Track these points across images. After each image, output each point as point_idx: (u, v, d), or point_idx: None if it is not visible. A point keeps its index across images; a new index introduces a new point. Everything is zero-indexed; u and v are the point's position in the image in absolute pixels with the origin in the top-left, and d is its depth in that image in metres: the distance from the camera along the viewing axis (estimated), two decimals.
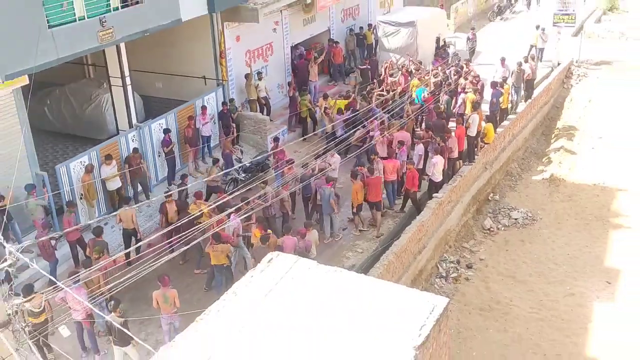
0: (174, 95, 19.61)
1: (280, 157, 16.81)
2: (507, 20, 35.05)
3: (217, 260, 13.01)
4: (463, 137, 18.19)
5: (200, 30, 18.80)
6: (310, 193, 15.73)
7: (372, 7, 27.84)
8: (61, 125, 19.42)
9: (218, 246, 12.85)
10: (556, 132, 24.18)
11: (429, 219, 15.78)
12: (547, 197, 20.54)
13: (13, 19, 12.54)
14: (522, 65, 22.10)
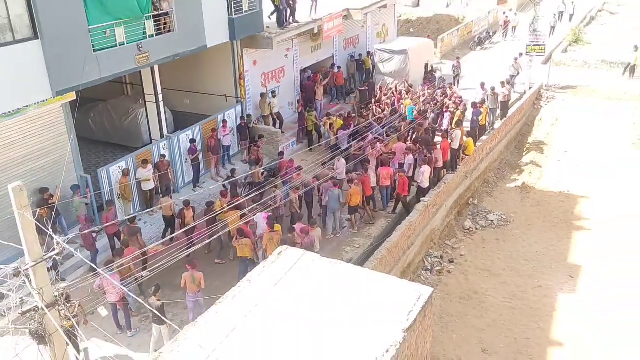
0: (199, 110, 19.62)
1: (290, 165, 16.80)
2: (487, 49, 35.01)
3: (241, 252, 12.99)
4: (447, 149, 18.19)
5: (223, 55, 18.85)
6: (310, 197, 15.70)
7: (370, 37, 27.88)
8: (103, 135, 19.43)
9: (242, 240, 12.84)
10: (527, 147, 24.16)
11: (417, 219, 15.77)
12: (519, 202, 20.50)
13: (64, 44, 12.60)
14: (495, 89, 22.03)
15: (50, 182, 13.20)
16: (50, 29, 12.23)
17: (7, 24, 11.65)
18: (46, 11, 12.07)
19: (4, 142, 12.36)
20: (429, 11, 43.95)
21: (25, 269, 6.63)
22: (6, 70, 11.68)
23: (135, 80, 19.14)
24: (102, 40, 13.58)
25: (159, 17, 15.17)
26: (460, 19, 41.55)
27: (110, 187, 14.79)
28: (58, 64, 12.56)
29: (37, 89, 12.43)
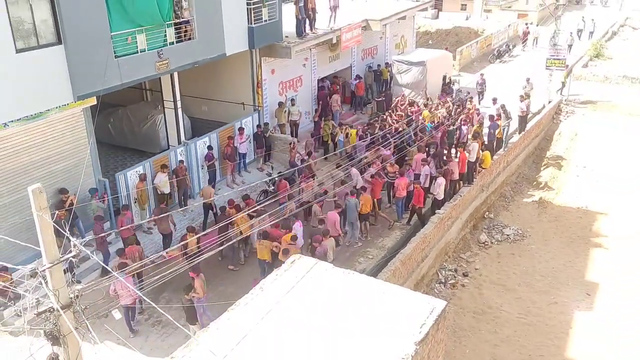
0: (216, 117, 19.77)
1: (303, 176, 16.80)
2: (506, 62, 34.90)
3: (260, 254, 13.07)
4: (464, 162, 18.12)
5: (241, 63, 19.01)
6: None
7: (388, 48, 27.93)
8: (121, 140, 19.65)
9: (263, 242, 12.91)
10: (545, 161, 23.96)
11: (432, 231, 15.70)
12: (536, 217, 20.30)
13: (87, 49, 12.81)
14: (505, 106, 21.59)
15: (68, 185, 13.37)
16: (73, 34, 12.45)
17: (32, 28, 11.89)
18: (70, 17, 12.30)
19: (25, 144, 12.56)
20: (448, 23, 43.99)
21: (42, 270, 6.73)
22: (30, 74, 11.90)
23: (155, 86, 19.39)
24: (123, 47, 13.77)
25: (179, 24, 15.37)
26: (479, 32, 41.53)
27: (127, 192, 14.93)
28: (80, 68, 12.77)
29: (59, 93, 12.64)
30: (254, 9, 17.84)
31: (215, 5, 16.35)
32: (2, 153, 12.16)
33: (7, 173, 12.30)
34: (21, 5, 11.57)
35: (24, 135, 12.50)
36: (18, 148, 12.46)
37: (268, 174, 18.71)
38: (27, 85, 11.92)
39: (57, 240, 6.95)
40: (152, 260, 11.94)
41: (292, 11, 20.50)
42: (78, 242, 7.06)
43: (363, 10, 25.90)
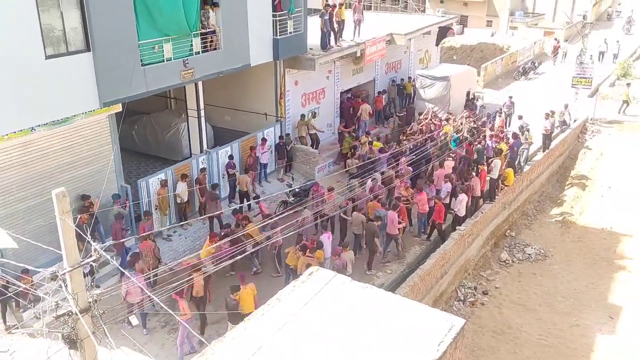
0: (239, 127, 19.92)
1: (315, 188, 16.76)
2: (531, 80, 34.58)
3: (289, 260, 13.08)
4: (485, 178, 17.92)
5: (265, 74, 19.15)
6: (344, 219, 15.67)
7: (412, 63, 27.92)
8: (144, 147, 19.88)
9: (299, 253, 12.96)
10: (570, 180, 23.58)
11: (452, 248, 15.51)
12: (559, 237, 19.95)
13: (115, 57, 13.03)
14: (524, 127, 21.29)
15: (91, 190, 13.55)
16: (102, 42, 12.68)
17: (61, 36, 12.13)
18: (99, 25, 12.53)
19: (51, 149, 12.78)
20: (473, 39, 43.81)
21: (62, 274, 6.78)
22: (58, 80, 12.13)
23: (179, 95, 19.61)
24: (150, 55, 13.97)
25: (206, 35, 15.55)
26: (505, 48, 41.27)
27: (149, 198, 15.06)
28: (107, 76, 12.97)
29: (86, 99, 12.85)
30: (280, 21, 17.99)
31: (241, 16, 16.53)
32: (29, 157, 12.37)
33: (33, 176, 12.51)
34: (52, 13, 11.82)
35: (50, 140, 12.71)
36: (44, 152, 12.67)
37: (288, 184, 18.73)
38: (55, 90, 12.14)
39: (78, 244, 7.01)
40: (171, 268, 12.05)
41: (317, 23, 20.63)
42: (99, 247, 7.11)
43: (388, 25, 25.95)
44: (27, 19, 11.31)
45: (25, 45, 11.41)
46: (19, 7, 11.14)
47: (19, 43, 11.27)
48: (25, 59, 11.45)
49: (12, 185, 12.16)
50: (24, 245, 10.74)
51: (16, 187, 12.24)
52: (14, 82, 11.34)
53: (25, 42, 11.39)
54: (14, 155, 12.09)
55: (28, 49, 11.47)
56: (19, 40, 11.27)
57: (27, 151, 12.32)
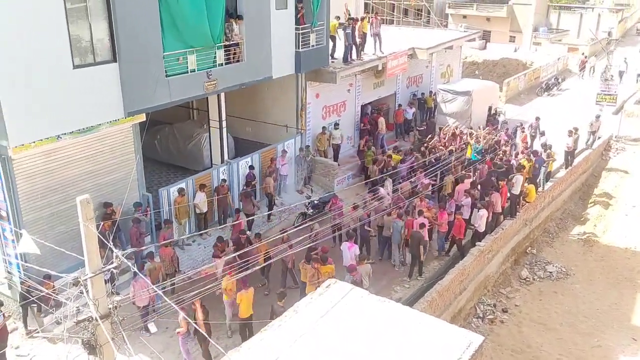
0: (260, 138, 20.08)
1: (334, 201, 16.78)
2: (554, 96, 34.29)
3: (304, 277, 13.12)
4: (506, 194, 17.75)
5: (287, 86, 19.30)
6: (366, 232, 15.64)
7: (434, 77, 27.92)
8: (166, 156, 20.12)
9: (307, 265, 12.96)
10: (593, 198, 23.22)
11: (471, 264, 15.36)
12: (581, 256, 19.62)
13: (140, 68, 13.27)
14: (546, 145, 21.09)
15: (113, 198, 13.73)
16: (128, 53, 12.93)
17: (89, 46, 12.41)
18: (126, 36, 12.80)
19: (75, 157, 13.01)
20: (495, 54, 43.69)
21: (84, 279, 6.89)
22: (85, 89, 12.38)
23: (202, 105, 19.84)
24: (174, 66, 14.19)
25: (229, 47, 15.76)
26: (528, 64, 41.04)
27: (169, 207, 15.22)
28: (132, 86, 13.21)
29: (111, 108, 13.09)
30: (302, 34, 18.16)
31: (264, 29, 16.73)
32: (54, 164, 12.61)
33: (58, 183, 12.74)
34: (81, 24, 12.11)
35: (75, 148, 12.95)
36: (69, 160, 12.90)
37: (307, 196, 18.78)
38: (81, 99, 12.39)
39: (100, 251, 7.13)
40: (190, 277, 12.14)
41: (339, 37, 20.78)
42: (120, 254, 7.22)
43: (410, 39, 26.02)
44: (57, 29, 11.59)
45: (55, 55, 11.68)
46: (50, 18, 11.43)
47: (48, 53, 11.55)
48: (54, 68, 11.72)
49: (37, 191, 12.40)
50: (47, 251, 10.95)
51: (41, 193, 12.48)
52: (42, 90, 11.60)
53: (54, 52, 11.66)
54: (40, 163, 12.34)
55: (57, 59, 11.74)
56: (49, 50, 11.55)
57: (53, 159, 12.56)
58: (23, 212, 12.16)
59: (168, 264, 13.35)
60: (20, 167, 11.96)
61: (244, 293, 11.78)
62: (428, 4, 50.41)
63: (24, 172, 12.08)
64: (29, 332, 12.45)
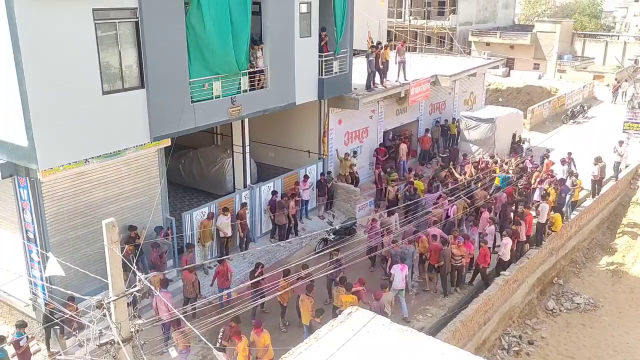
0: (282, 163, 20.22)
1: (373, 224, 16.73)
2: (580, 123, 33.91)
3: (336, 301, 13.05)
4: (531, 223, 17.49)
5: (310, 112, 19.49)
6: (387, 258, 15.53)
7: (457, 104, 27.92)
8: (190, 181, 20.35)
9: (340, 288, 12.90)
10: (621, 228, 22.71)
11: (496, 293, 15.08)
12: (610, 287, 19.13)
13: (166, 94, 13.55)
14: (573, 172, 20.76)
15: (137, 222, 13.91)
16: (155, 79, 13.23)
17: (118, 73, 12.74)
18: (154, 63, 13.11)
19: (102, 180, 13.26)
20: (519, 82, 43.53)
21: (107, 302, 6.96)
22: (112, 114, 12.67)
23: (226, 131, 20.11)
24: (200, 93, 14.46)
25: (253, 73, 16.03)
26: (552, 91, 40.77)
27: (192, 231, 15.34)
28: (158, 111, 13.48)
29: (137, 133, 13.34)
30: (326, 61, 18.39)
31: (288, 56, 17.00)
32: (81, 187, 12.86)
33: (84, 206, 12.96)
34: (111, 52, 12.46)
35: (102, 172, 13.20)
36: (95, 183, 13.14)
37: (329, 222, 18.76)
38: (109, 124, 12.66)
39: (123, 275, 7.21)
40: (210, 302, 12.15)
41: (362, 63, 20.96)
42: (143, 277, 7.29)
43: (433, 66, 26.12)
44: (88, 56, 11.92)
45: (85, 81, 11.99)
46: (81, 46, 11.76)
47: (79, 79, 11.86)
48: (84, 94, 12.02)
49: (64, 214, 12.63)
50: (72, 273, 11.11)
51: (67, 216, 12.70)
52: (72, 116, 11.89)
53: (84, 79, 11.97)
54: (67, 186, 12.59)
55: (87, 85, 12.05)
56: (79, 77, 11.86)
57: (80, 182, 12.81)
58: (50, 235, 12.39)
59: (190, 288, 13.38)
60: (48, 190, 12.22)
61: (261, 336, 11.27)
62: (451, 31, 50.71)
63: (52, 194, 12.34)
64: (51, 354, 12.54)
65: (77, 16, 11.55)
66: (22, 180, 12.17)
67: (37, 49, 10.96)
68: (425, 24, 51.83)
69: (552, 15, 63.42)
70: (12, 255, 13.14)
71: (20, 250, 12.90)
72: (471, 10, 53.45)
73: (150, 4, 12.70)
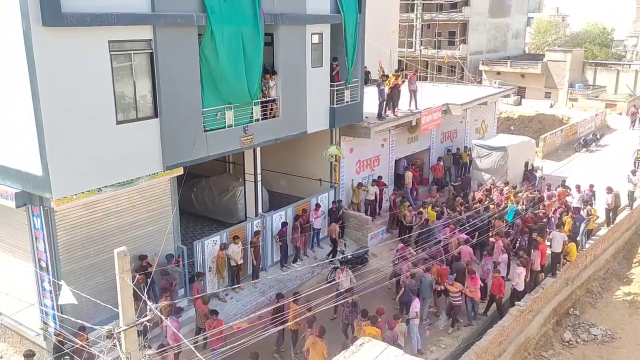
0: (294, 192, 20.22)
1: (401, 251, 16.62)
2: (593, 152, 33.72)
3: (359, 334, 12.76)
4: (544, 252, 17.24)
5: (321, 141, 19.52)
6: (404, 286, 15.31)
7: (469, 132, 27.92)
8: (202, 209, 20.36)
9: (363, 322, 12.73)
10: (637, 258, 22.30)
11: (510, 324, 14.79)
12: (627, 318, 18.69)
13: (179, 123, 13.68)
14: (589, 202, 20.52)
15: (149, 250, 13.91)
16: (169, 109, 13.38)
17: (132, 103, 12.91)
18: (168, 93, 13.29)
19: (114, 209, 13.32)
20: (531, 110, 43.55)
21: (118, 332, 6.92)
22: (126, 144, 12.79)
23: (238, 159, 20.23)
24: (212, 122, 14.58)
25: (266, 103, 16.18)
26: (564, 120, 40.70)
27: (204, 259, 15.29)
28: (172, 141, 13.60)
29: (151, 162, 13.44)
30: (337, 90, 18.54)
31: (300, 86, 17.17)
32: (94, 216, 12.93)
33: (97, 235, 13.01)
34: (125, 82, 12.65)
35: (115, 200, 13.27)
36: (108, 212, 13.21)
37: (341, 251, 18.63)
38: (123, 154, 12.77)
39: (134, 304, 7.17)
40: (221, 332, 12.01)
41: (374, 93, 21.11)
42: (154, 307, 7.25)
43: (444, 95, 26.22)
44: (103, 87, 12.11)
45: (99, 111, 12.14)
46: (96, 76, 11.95)
47: (93, 109, 12.01)
48: (98, 124, 12.16)
49: (76, 243, 12.67)
50: (83, 302, 11.05)
51: (80, 245, 12.74)
52: (87, 145, 12.01)
53: (99, 109, 12.12)
54: (80, 215, 12.66)
55: (101, 115, 12.19)
56: (94, 106, 12.01)
57: (93, 211, 12.89)
58: (62, 263, 12.42)
59: (202, 318, 13.26)
60: (61, 219, 12.30)
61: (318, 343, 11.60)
62: (462, 61, 51.05)
63: (65, 223, 12.41)
64: None
65: (93, 47, 11.78)
66: (35, 209, 12.26)
67: (53, 78, 11.14)
68: (436, 53, 52.28)
69: (562, 45, 63.71)
70: (23, 284, 13.15)
71: (32, 279, 12.92)
72: (481, 40, 53.90)
73: (165, 35, 12.95)
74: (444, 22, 53.12)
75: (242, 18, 14.57)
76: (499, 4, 54.45)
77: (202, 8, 13.60)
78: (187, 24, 13.36)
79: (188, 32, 13.52)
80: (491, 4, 53.52)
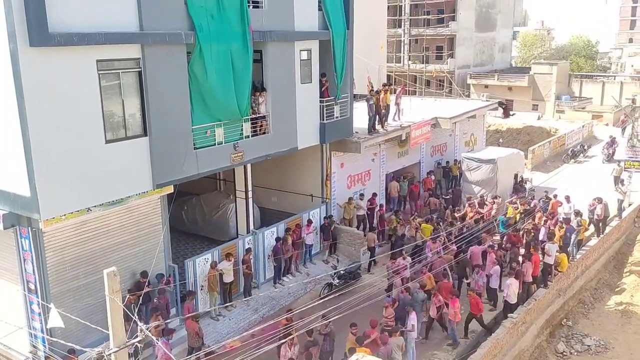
0: (285, 208, 20.14)
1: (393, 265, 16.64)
2: (581, 163, 34.00)
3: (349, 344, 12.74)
4: (537, 263, 17.24)
5: (312, 156, 19.57)
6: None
7: (458, 145, 28.08)
8: (193, 227, 20.23)
9: None
10: (628, 267, 22.38)
11: (504, 337, 14.73)
12: (620, 328, 18.68)
13: (169, 141, 13.63)
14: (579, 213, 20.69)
15: (140, 269, 13.76)
16: (158, 127, 13.32)
17: (121, 121, 12.84)
18: (157, 112, 13.24)
19: (104, 228, 13.17)
20: (519, 122, 43.91)
21: (108, 354, 6.80)
22: (115, 163, 12.69)
23: (228, 176, 20.15)
24: (202, 139, 14.54)
25: (255, 119, 16.18)
26: (552, 131, 41.08)
27: (195, 278, 15.15)
28: (161, 159, 13.52)
29: (140, 181, 13.34)
30: (327, 106, 18.60)
31: (290, 102, 17.20)
32: (83, 236, 12.77)
33: (85, 255, 12.85)
34: (114, 101, 12.59)
35: (104, 220, 13.13)
36: (98, 232, 13.05)
37: (333, 266, 18.56)
38: (112, 172, 12.66)
39: (125, 325, 7.06)
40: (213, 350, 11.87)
41: (364, 108, 21.20)
42: (145, 328, 7.14)
43: (433, 109, 26.38)
44: (92, 106, 12.03)
45: (88, 130, 12.04)
46: (85, 96, 11.89)
47: (82, 128, 11.92)
48: (87, 143, 12.06)
49: (65, 264, 12.50)
50: (73, 324, 10.90)
51: (69, 265, 12.57)
52: (75, 165, 11.90)
53: (87, 128, 12.03)
54: (69, 235, 12.51)
55: (90, 134, 12.10)
56: (83, 126, 11.93)
57: (82, 230, 12.74)
58: (51, 285, 12.23)
59: (193, 337, 13.10)
60: (50, 240, 12.14)
61: None
62: (449, 75, 51.52)
63: (54, 244, 12.25)
64: None
65: (81, 67, 11.73)
66: (24, 231, 12.09)
67: (40, 98, 11.06)
68: (424, 68, 52.73)
69: (548, 58, 64.55)
70: (12, 306, 12.94)
71: (20, 302, 12.71)
72: (469, 54, 54.48)
73: (153, 54, 12.94)
74: (432, 37, 53.68)
75: (231, 35, 14.62)
76: (485, 18, 55.18)
77: (190, 26, 13.63)
78: (175, 42, 13.37)
79: (177, 50, 13.52)
80: (477, 18, 54.22)
